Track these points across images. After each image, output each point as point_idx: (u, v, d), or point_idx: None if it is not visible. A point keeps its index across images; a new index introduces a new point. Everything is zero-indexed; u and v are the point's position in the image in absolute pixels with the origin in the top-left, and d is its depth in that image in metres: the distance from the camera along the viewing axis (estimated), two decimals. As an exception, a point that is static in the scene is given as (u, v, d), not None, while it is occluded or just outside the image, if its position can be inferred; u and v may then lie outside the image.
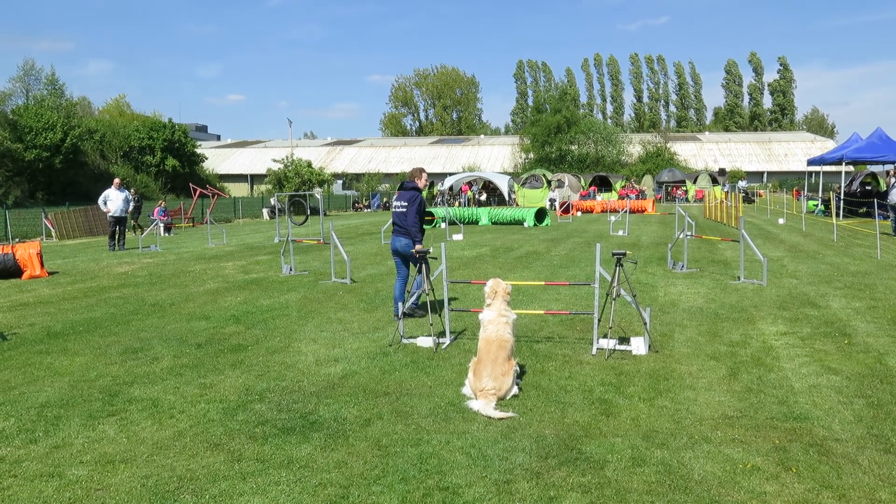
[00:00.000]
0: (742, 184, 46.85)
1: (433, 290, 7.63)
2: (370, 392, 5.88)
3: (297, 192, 24.09)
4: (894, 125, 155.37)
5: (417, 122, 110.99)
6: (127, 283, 12.77)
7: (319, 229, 15.06)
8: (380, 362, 6.80)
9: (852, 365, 6.48)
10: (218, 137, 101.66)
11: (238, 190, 71.26)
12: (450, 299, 9.66)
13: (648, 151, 67.87)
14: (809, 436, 4.79)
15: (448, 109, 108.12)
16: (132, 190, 26.89)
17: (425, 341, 7.41)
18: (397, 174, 70.35)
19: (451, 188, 50.19)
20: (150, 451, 4.70)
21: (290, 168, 46.74)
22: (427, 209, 30.32)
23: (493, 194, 49.84)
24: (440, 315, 7.80)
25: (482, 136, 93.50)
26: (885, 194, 22.38)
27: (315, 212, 36.47)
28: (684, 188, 50.85)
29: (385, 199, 54.26)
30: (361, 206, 52.49)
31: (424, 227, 9.43)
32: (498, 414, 5.22)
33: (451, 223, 26.06)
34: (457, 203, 47.73)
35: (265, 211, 41.96)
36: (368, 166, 75.71)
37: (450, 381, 6.15)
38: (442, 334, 7.64)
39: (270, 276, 13.40)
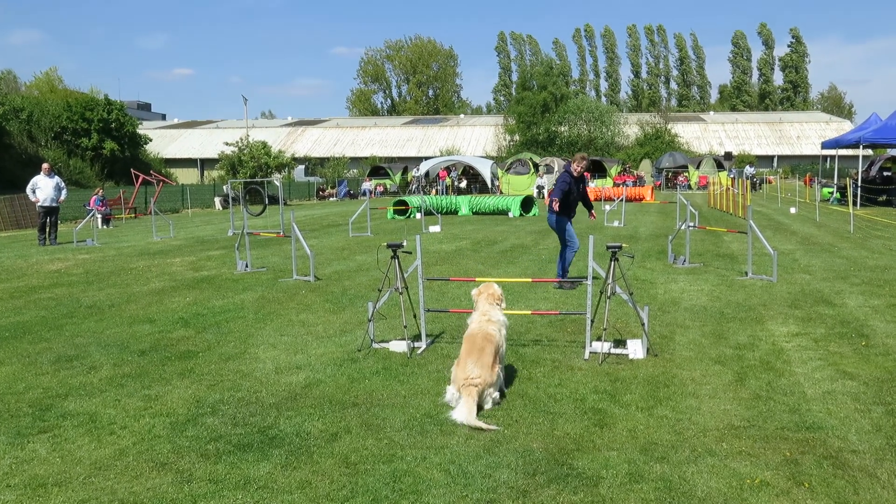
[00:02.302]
0: (750, 169, 47.35)
1: (407, 289, 7.63)
2: (337, 403, 5.87)
3: (253, 178, 23.95)
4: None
5: (389, 101, 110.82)
6: (60, 283, 12.62)
7: (279, 220, 15.00)
8: (347, 370, 6.79)
9: (870, 369, 6.59)
10: (163, 117, 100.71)
11: (186, 176, 70.64)
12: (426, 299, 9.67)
13: (647, 133, 68.35)
14: (823, 447, 4.86)
15: (423, 86, 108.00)
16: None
17: (399, 346, 7.41)
18: (367, 158, 70.22)
19: (427, 174, 50.20)
20: (87, 473, 4.66)
21: (245, 151, 46.43)
22: (401, 198, 30.30)
23: (474, 181, 49.92)
24: (415, 316, 7.80)
25: (462, 115, 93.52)
26: None
27: (274, 201, 36.26)
28: (686, 174, 51.30)
29: (352, 187, 54.09)
30: (327, 194, 52.31)
31: (402, 217, 10.22)
32: (481, 424, 5.23)
33: (428, 213, 26.05)
34: (433, 191, 47.74)
35: (217, 200, 41.66)
36: (334, 149, 75.41)
37: (426, 389, 6.16)
38: (417, 338, 7.64)
39: (224, 273, 13.32)
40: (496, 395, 5.75)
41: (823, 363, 6.80)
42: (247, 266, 13.51)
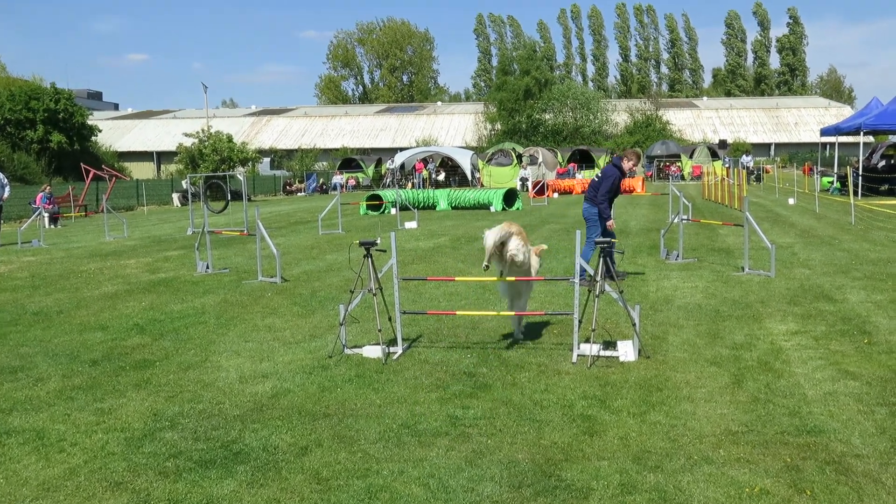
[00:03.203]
0: (746, 158, 47.65)
1: (381, 290, 7.61)
2: (306, 414, 5.84)
3: (215, 172, 23.79)
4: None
5: (361, 87, 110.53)
6: (3, 287, 12.47)
7: (242, 218, 14.91)
8: (318, 377, 6.77)
9: (873, 368, 6.67)
10: (116, 107, 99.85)
11: (142, 171, 70.05)
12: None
13: (637, 120, 68.72)
14: (826, 452, 4.91)
15: (397, 72, 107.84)
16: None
17: (373, 351, 7.40)
18: (338, 150, 69.98)
19: (402, 166, 50.16)
20: (34, 495, 4.60)
21: (206, 143, 46.13)
22: (374, 192, 30.24)
23: (452, 173, 49.99)
24: (390, 319, 7.79)
25: (439, 103, 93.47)
26: None
27: (237, 196, 36.07)
28: (679, 164, 51.66)
29: (323, 181, 53.94)
30: (294, 188, 52.11)
31: (375, 213, 10.34)
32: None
33: (403, 208, 26.03)
34: (409, 184, 47.73)
35: (176, 196, 41.35)
36: (302, 140, 75.08)
37: (403, 398, 6.15)
38: (393, 342, 7.63)
39: (182, 275, 13.23)
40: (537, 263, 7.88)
41: (824, 363, 6.87)
42: (208, 267, 13.43)
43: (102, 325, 9.24)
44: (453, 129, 78.10)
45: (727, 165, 42.00)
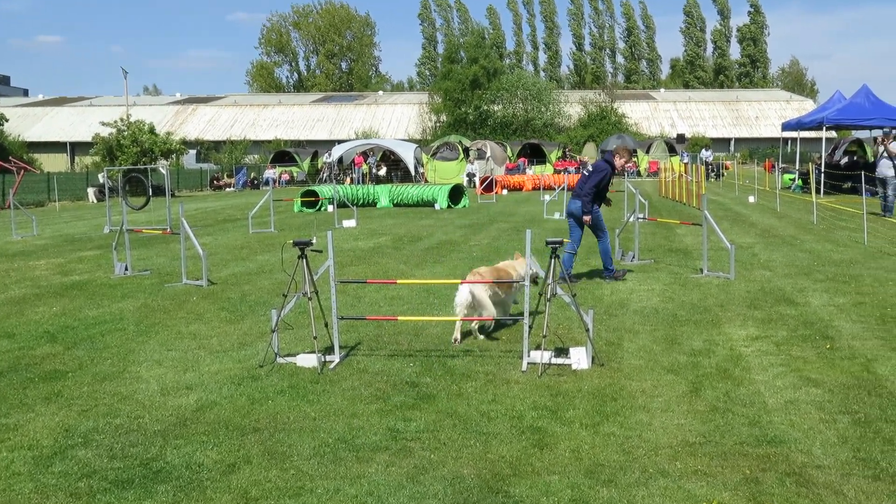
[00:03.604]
0: (706, 153, 48.57)
1: (317, 294, 7.56)
2: (235, 428, 5.78)
3: (135, 165, 23.39)
4: (883, 82, 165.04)
5: (296, 75, 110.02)
6: None
7: (165, 215, 14.68)
8: (247, 389, 6.70)
9: (836, 374, 6.85)
10: (25, 93, 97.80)
11: (54, 163, 68.55)
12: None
13: (591, 113, 69.58)
14: (786, 463, 5.02)
15: (336, 58, 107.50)
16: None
17: (307, 360, 7.35)
18: (270, 141, 69.47)
19: (340, 160, 49.96)
20: (-71, 520, 4.47)
21: (125, 133, 45.31)
22: (310, 188, 30.06)
23: (395, 168, 49.94)
24: (326, 325, 7.75)
25: (380, 92, 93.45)
26: (873, 166, 23.68)
27: (159, 191, 35.49)
28: (635, 159, 52.41)
29: (254, 175, 53.42)
30: (223, 183, 51.50)
31: (311, 210, 10.49)
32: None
33: (341, 206, 25.91)
34: (348, 179, 47.55)
35: (91, 191, 40.53)
36: (231, 131, 74.41)
37: (340, 410, 6.12)
38: (329, 350, 7.60)
39: (98, 278, 12.99)
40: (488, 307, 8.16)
41: (785, 369, 7.04)
42: (126, 269, 13.20)
43: (8, 333, 9.02)
44: (395, 120, 78.18)
45: (685, 161, 42.73)
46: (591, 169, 11.99)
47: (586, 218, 11.48)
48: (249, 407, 6.26)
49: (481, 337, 8.34)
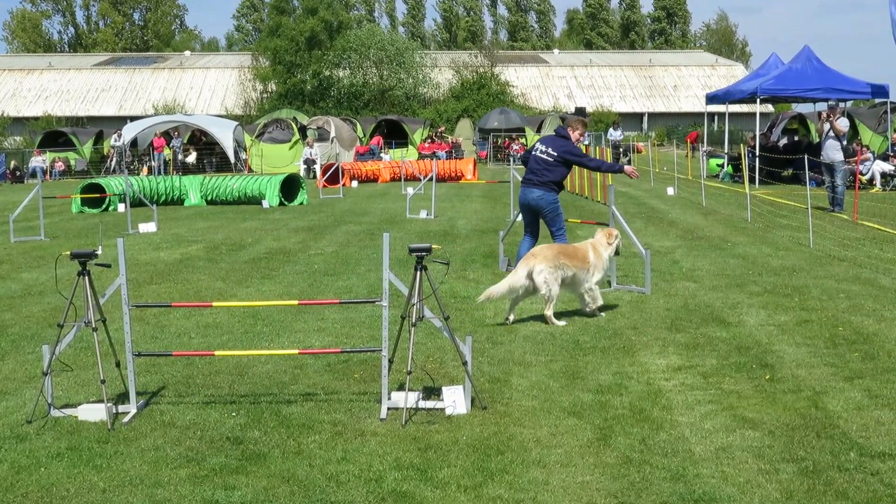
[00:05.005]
0: (616, 133, 49.53)
1: (105, 323, 7.38)
2: (-9, 509, 5.59)
3: None
4: (829, 43, 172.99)
5: (72, 29, 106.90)
6: None
7: None
8: (11, 453, 6.51)
9: (777, 412, 7.12)
10: None
11: None
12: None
13: (465, 80, 70.21)
14: (716, 526, 5.20)
15: (125, 6, 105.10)
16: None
17: (93, 412, 7.19)
18: (38, 118, 67.29)
19: (134, 143, 48.85)
20: None
21: None
22: (93, 181, 29.26)
23: (208, 153, 49.16)
24: (118, 365, 7.57)
25: (187, 53, 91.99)
26: (818, 148, 24.39)
27: None
28: (523, 140, 53.12)
29: (14, 164, 51.55)
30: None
31: (95, 210, 10.36)
32: None
33: (137, 204, 25.32)
34: (145, 169, 46.50)
35: None
36: (-20, 104, 71.72)
37: (139, 478, 6.01)
38: (123, 398, 7.44)
39: None
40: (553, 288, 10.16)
41: (716, 407, 7.27)
42: None
43: None
44: (208, 90, 77.10)
45: (587, 143, 43.69)
46: (542, 147, 12.53)
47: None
48: (14, 477, 6.06)
49: (560, 323, 10.28)
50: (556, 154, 12.34)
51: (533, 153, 12.62)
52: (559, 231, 12.59)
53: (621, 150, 46.74)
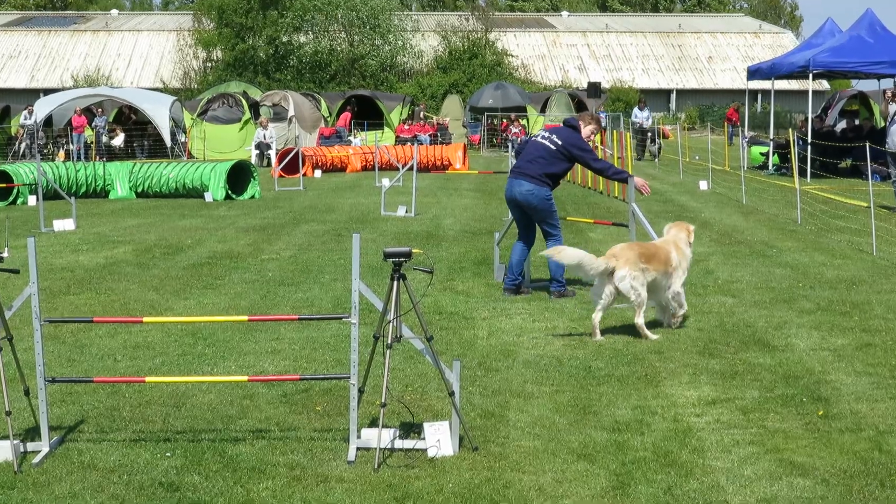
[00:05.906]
0: (643, 115, 48.43)
1: (11, 341, 7.28)
2: None
3: None
4: (892, 7, 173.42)
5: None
6: None
7: None
8: None
9: (832, 456, 7.02)
10: None
11: None
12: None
13: (454, 49, 70.31)
14: None
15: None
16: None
17: (-4, 451, 7.07)
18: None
19: (48, 121, 48.75)
20: None
21: None
22: None
23: (139, 134, 49.08)
24: (27, 393, 7.46)
25: (114, 12, 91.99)
26: (883, 133, 24.10)
27: None
28: (523, 122, 53.10)
29: None
30: None
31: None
32: None
33: (52, 196, 25.21)
34: (62, 153, 46.41)
35: None
36: None
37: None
38: (34, 433, 7.36)
39: None
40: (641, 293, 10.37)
41: (758, 449, 7.18)
42: None
43: None
44: (139, 57, 77.24)
45: (603, 126, 43.40)
46: (546, 134, 12.71)
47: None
48: None
49: (654, 337, 10.46)
50: (560, 143, 12.39)
51: (532, 139, 12.69)
52: (554, 232, 12.70)
53: (649, 136, 45.33)
